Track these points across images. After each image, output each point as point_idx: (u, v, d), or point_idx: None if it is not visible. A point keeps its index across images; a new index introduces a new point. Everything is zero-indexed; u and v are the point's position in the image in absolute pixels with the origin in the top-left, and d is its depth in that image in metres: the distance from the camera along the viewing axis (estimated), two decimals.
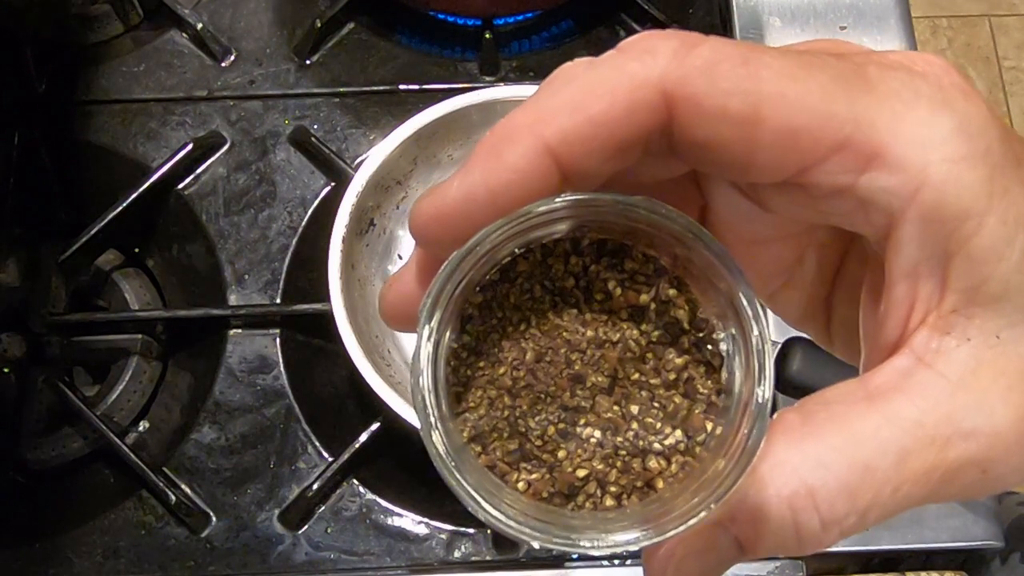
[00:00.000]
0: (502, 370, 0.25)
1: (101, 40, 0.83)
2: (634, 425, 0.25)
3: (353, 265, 0.70)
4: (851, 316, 0.28)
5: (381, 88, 0.81)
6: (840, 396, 0.24)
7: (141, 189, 0.76)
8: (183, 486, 0.71)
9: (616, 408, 0.25)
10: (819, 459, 0.23)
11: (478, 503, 0.23)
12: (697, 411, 0.25)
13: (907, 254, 0.23)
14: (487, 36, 0.81)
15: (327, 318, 0.68)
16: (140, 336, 0.74)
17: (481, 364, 0.26)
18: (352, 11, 0.83)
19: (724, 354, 0.25)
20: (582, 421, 0.25)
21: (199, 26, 0.81)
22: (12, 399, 0.73)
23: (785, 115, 0.23)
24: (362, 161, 0.74)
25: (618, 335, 0.26)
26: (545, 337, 0.26)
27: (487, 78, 0.81)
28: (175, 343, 0.77)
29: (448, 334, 0.25)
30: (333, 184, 0.78)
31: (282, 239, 0.77)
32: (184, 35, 0.83)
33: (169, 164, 0.77)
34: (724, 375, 0.25)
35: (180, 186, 0.78)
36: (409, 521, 0.70)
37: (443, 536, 0.70)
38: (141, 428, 0.74)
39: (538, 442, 0.25)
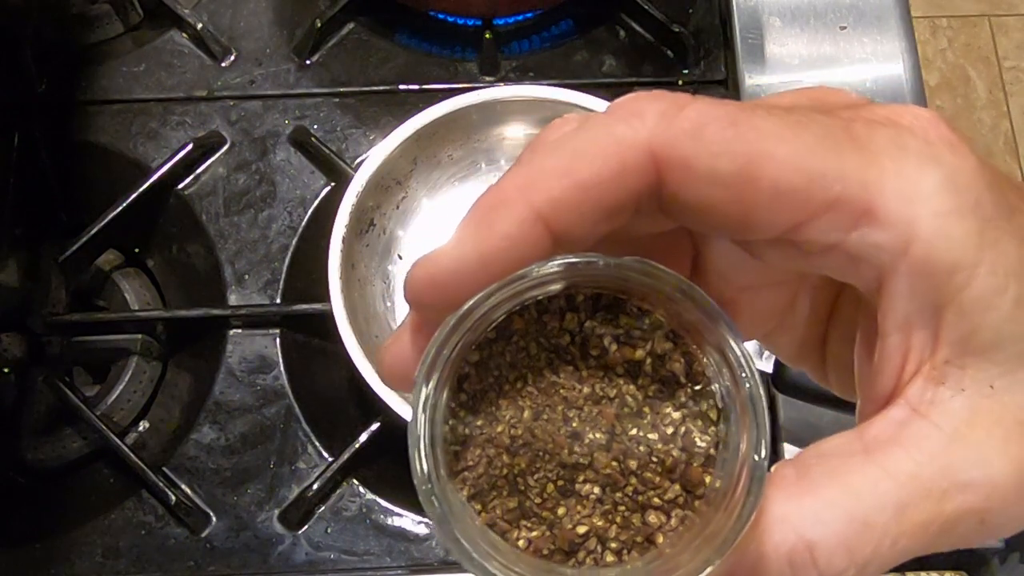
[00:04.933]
0: (500, 428, 0.25)
1: (101, 40, 0.83)
2: (633, 480, 0.25)
3: (353, 265, 0.70)
4: (845, 354, 0.28)
5: (381, 88, 0.81)
6: (836, 449, 0.24)
7: (141, 189, 0.76)
8: (183, 486, 0.71)
9: (615, 464, 0.25)
10: (817, 514, 0.23)
11: (479, 565, 0.23)
12: (695, 464, 0.25)
13: (899, 307, 0.24)
14: (487, 36, 0.81)
15: (327, 318, 0.68)
16: (140, 336, 0.74)
17: (479, 423, 0.26)
18: (352, 11, 0.83)
19: (721, 406, 0.25)
20: (581, 478, 0.25)
21: (199, 26, 0.81)
22: (12, 399, 0.73)
23: (775, 175, 0.23)
24: (362, 161, 0.74)
25: (615, 391, 0.26)
26: (542, 395, 0.26)
27: (487, 78, 0.81)
28: (175, 343, 0.77)
29: (445, 394, 0.25)
30: (333, 184, 0.78)
31: (282, 239, 0.77)
32: (184, 35, 0.83)
33: (169, 164, 0.77)
34: (722, 427, 0.25)
35: (180, 186, 0.78)
36: (409, 521, 0.70)
37: None
38: (141, 428, 0.74)
39: (537, 499, 0.25)
